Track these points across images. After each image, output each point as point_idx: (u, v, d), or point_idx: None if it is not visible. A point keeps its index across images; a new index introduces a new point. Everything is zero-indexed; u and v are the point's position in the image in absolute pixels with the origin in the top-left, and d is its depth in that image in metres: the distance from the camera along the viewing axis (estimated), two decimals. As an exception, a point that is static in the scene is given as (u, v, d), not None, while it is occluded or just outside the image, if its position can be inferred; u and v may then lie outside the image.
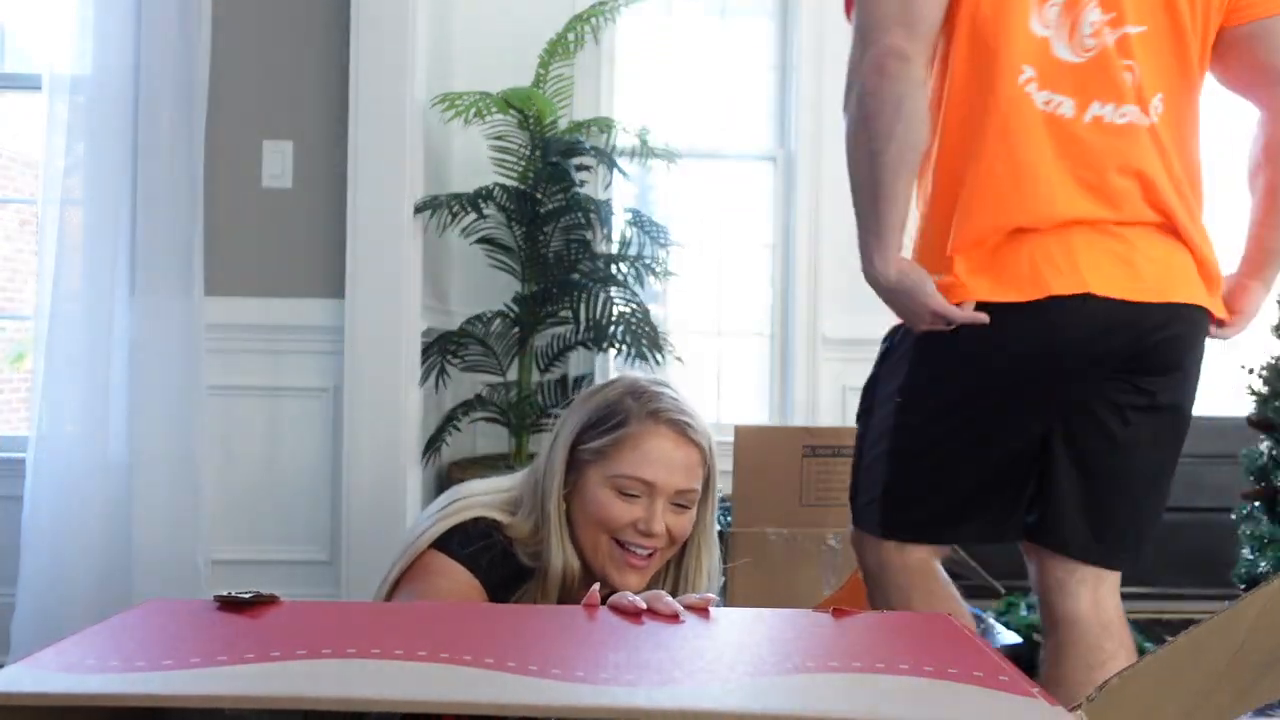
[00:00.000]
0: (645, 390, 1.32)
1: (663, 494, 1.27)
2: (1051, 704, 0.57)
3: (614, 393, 1.33)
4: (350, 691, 0.55)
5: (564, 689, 0.57)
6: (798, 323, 3.39)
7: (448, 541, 1.26)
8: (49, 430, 2.57)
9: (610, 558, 1.28)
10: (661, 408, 1.30)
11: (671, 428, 1.29)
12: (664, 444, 1.28)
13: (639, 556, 1.27)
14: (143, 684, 0.56)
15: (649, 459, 1.27)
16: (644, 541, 1.27)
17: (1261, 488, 2.56)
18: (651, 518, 1.26)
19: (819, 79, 3.40)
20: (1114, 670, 0.97)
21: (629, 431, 1.28)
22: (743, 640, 0.70)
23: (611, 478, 1.27)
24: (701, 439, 1.32)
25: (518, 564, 1.29)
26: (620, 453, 1.27)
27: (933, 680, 0.61)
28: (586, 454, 1.30)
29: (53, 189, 2.60)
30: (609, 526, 1.27)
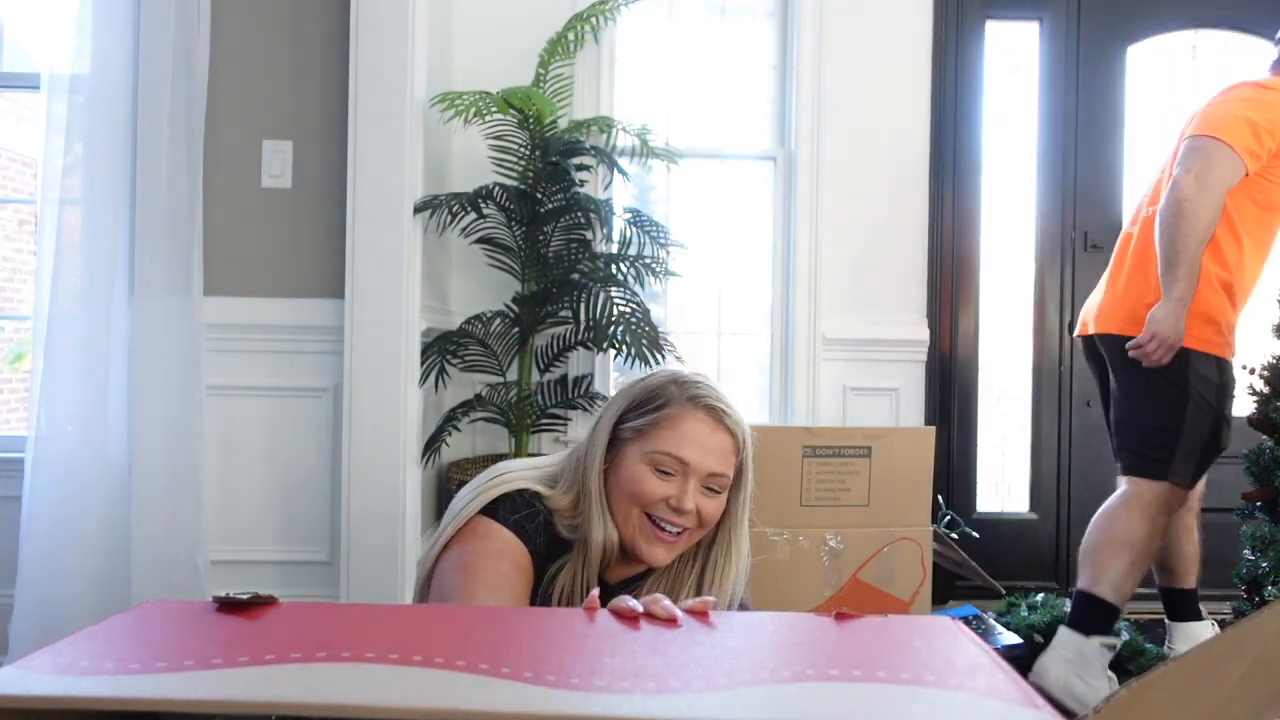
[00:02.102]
0: (687, 378, 1.41)
1: (696, 474, 1.34)
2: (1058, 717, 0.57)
3: (658, 379, 1.41)
4: (342, 698, 0.55)
5: (557, 696, 0.56)
6: (798, 323, 3.39)
7: (495, 509, 1.34)
8: (48, 430, 2.57)
9: (640, 530, 1.35)
10: (701, 394, 1.38)
11: (709, 413, 1.36)
12: (700, 427, 1.35)
13: (668, 533, 1.34)
14: (135, 688, 0.56)
15: (685, 439, 1.34)
16: (674, 518, 1.34)
17: (1263, 488, 2.55)
18: (683, 495, 1.33)
19: (819, 79, 3.40)
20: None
21: (669, 413, 1.36)
22: (741, 646, 0.69)
23: (648, 454, 1.34)
24: (736, 428, 1.39)
25: (557, 534, 1.36)
26: (659, 431, 1.35)
27: (934, 690, 0.60)
28: (627, 432, 1.37)
29: (51, 189, 2.60)
30: (642, 500, 1.34)
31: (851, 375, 3.41)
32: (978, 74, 3.53)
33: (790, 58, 3.47)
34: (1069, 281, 3.55)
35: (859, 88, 3.42)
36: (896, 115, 3.45)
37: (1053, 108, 3.56)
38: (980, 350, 3.57)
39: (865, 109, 3.43)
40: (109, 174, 2.61)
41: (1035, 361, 3.58)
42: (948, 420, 3.49)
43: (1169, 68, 3.61)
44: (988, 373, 3.59)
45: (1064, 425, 3.55)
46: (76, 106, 2.61)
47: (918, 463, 2.43)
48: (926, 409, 3.45)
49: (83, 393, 2.58)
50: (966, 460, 3.55)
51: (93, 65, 2.60)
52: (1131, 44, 3.58)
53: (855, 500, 2.39)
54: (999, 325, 3.60)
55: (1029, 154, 3.60)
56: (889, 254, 3.45)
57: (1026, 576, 3.46)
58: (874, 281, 3.44)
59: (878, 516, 2.39)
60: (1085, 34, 3.56)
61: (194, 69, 2.68)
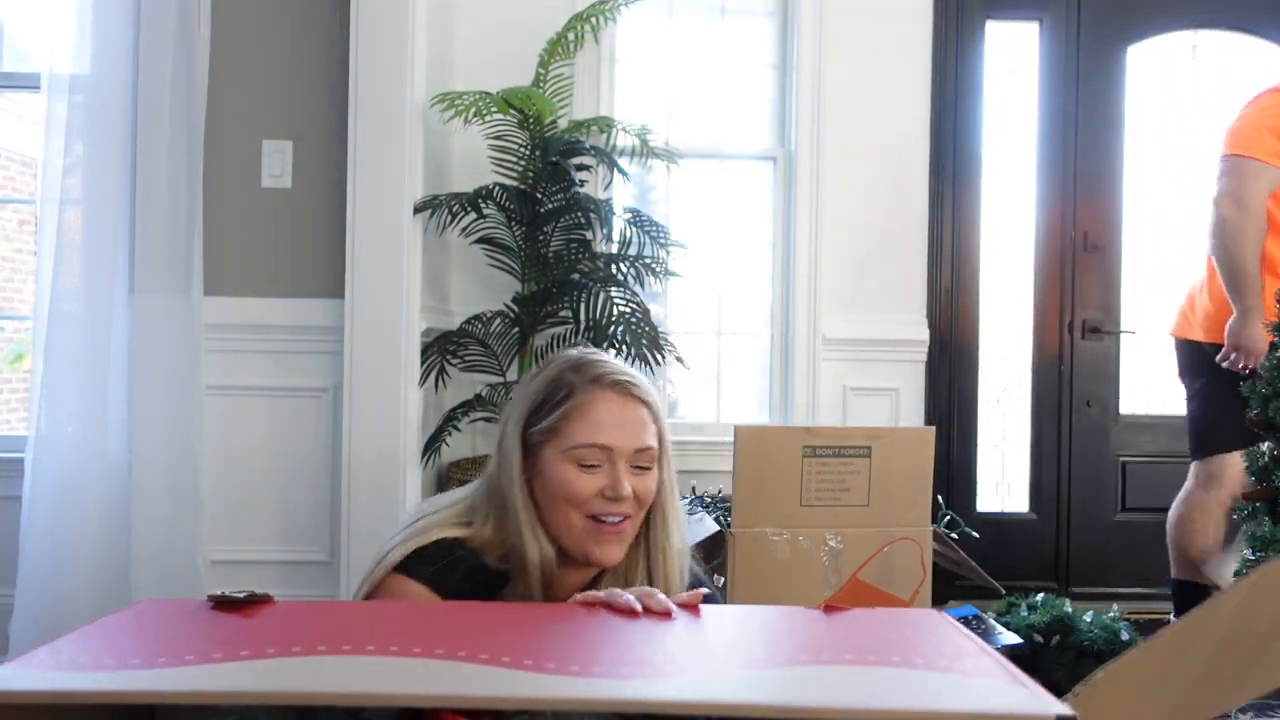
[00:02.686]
0: (583, 361, 1.34)
1: (621, 456, 1.28)
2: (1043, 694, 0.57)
3: (553, 371, 1.34)
4: (346, 687, 0.55)
5: (558, 682, 0.57)
6: (798, 323, 3.39)
7: (410, 566, 1.25)
8: (48, 430, 2.57)
9: (587, 533, 1.27)
10: (602, 372, 1.31)
11: (615, 390, 1.30)
12: (611, 407, 1.29)
13: (613, 526, 1.27)
14: (137, 682, 0.56)
15: (600, 424, 1.27)
16: (614, 508, 1.27)
17: (1263, 488, 2.55)
18: (617, 482, 1.26)
19: (819, 79, 3.40)
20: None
21: (575, 402, 1.29)
22: (735, 636, 0.70)
23: (568, 451, 1.27)
24: (646, 395, 1.33)
25: (490, 573, 1.27)
26: (571, 425, 1.28)
27: (923, 671, 0.61)
28: (538, 435, 1.30)
29: (52, 189, 2.60)
30: (577, 501, 1.26)
31: (851, 375, 3.41)
32: (978, 74, 3.53)
33: (790, 58, 3.47)
34: (1069, 281, 3.56)
35: (859, 88, 3.42)
36: (896, 115, 3.45)
37: (1053, 108, 3.57)
38: (980, 350, 3.57)
39: (865, 109, 3.43)
40: (109, 174, 2.61)
41: (1035, 361, 3.58)
42: (948, 420, 3.49)
43: (1169, 68, 3.61)
44: (988, 373, 3.59)
45: (1064, 425, 3.55)
46: (76, 106, 2.61)
47: (918, 463, 2.42)
48: (926, 409, 3.45)
49: (83, 393, 2.58)
50: (966, 460, 3.55)
51: (93, 65, 2.61)
52: (1131, 44, 3.58)
53: (855, 500, 2.38)
54: (999, 325, 3.60)
55: (1029, 154, 3.60)
56: (889, 254, 3.45)
57: (1026, 576, 3.45)
58: (874, 281, 3.44)
59: (878, 516, 2.38)
60: (1085, 34, 3.56)
61: (194, 69, 2.68)
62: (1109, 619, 2.61)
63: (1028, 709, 0.56)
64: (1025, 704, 0.56)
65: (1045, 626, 2.59)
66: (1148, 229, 3.60)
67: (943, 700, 0.56)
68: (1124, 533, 3.54)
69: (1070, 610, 2.64)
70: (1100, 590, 3.45)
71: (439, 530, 1.29)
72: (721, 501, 2.63)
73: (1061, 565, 3.54)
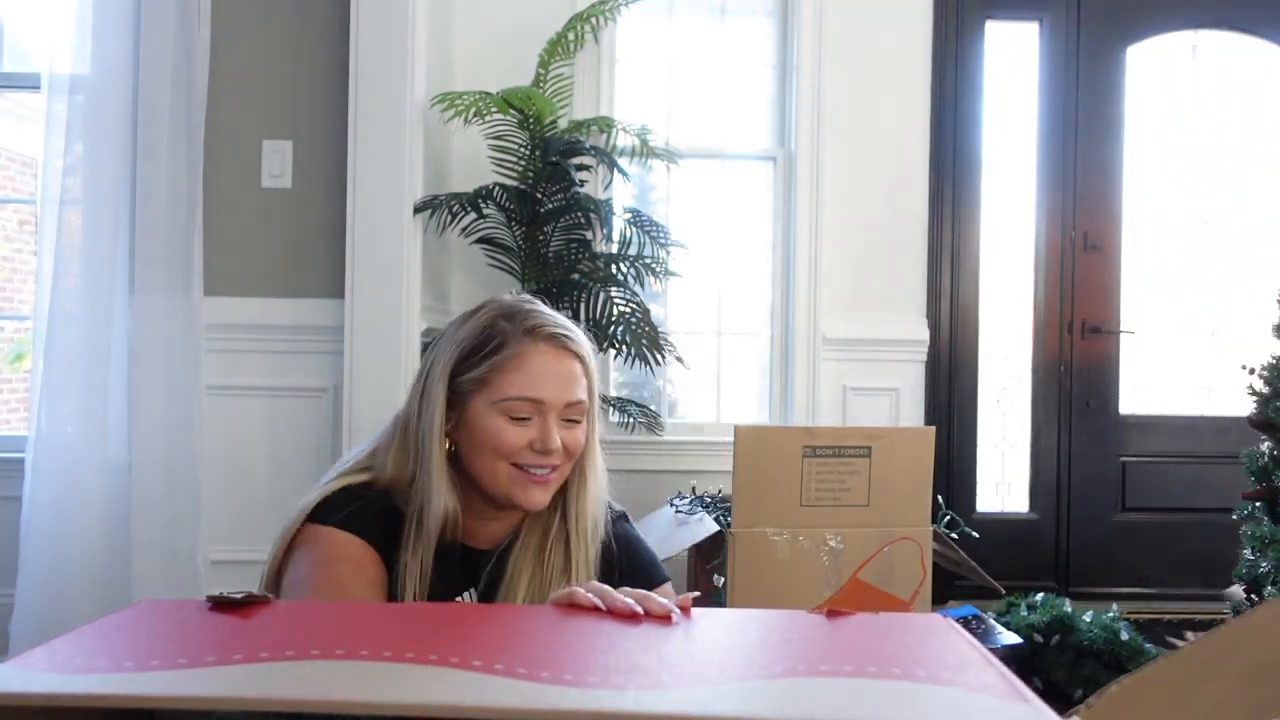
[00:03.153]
0: (517, 310, 1.29)
1: (553, 409, 1.25)
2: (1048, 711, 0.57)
3: (485, 318, 1.29)
4: (337, 694, 0.55)
5: (551, 692, 0.56)
6: (798, 323, 3.39)
7: (320, 513, 1.25)
8: (48, 430, 2.57)
9: (512, 481, 1.25)
10: (537, 324, 1.27)
11: (551, 343, 1.26)
12: (546, 359, 1.25)
13: (541, 476, 1.25)
14: (128, 685, 0.56)
15: (534, 377, 1.24)
16: (543, 460, 1.24)
17: (1263, 488, 2.55)
18: (547, 436, 1.24)
19: (819, 79, 3.40)
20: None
21: (509, 353, 1.24)
22: (734, 643, 0.69)
23: (498, 403, 1.23)
24: (580, 348, 1.29)
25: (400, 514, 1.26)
26: (503, 376, 1.24)
27: (925, 685, 0.60)
28: (467, 384, 1.26)
29: (52, 189, 2.60)
30: (505, 452, 1.23)
31: (851, 375, 3.41)
32: (978, 74, 3.53)
33: (790, 58, 3.47)
34: (1069, 281, 3.55)
35: (859, 88, 3.42)
36: (896, 115, 3.45)
37: (1053, 108, 3.56)
38: (980, 350, 3.57)
39: (865, 109, 3.42)
40: (109, 174, 2.61)
41: (1035, 361, 3.58)
42: (948, 420, 3.49)
43: (1169, 68, 3.61)
44: (988, 373, 3.59)
45: (1064, 425, 3.55)
46: (76, 106, 2.61)
47: (918, 463, 2.42)
48: (926, 409, 3.45)
49: (83, 393, 2.59)
50: (966, 460, 3.55)
51: (93, 65, 2.61)
52: (1131, 44, 3.58)
53: (855, 500, 2.38)
54: (999, 325, 3.60)
55: (1029, 154, 3.60)
56: (889, 254, 3.45)
57: (1026, 576, 3.45)
58: (874, 281, 3.44)
59: (878, 516, 2.39)
60: (1085, 34, 3.56)
61: (194, 69, 2.68)
62: (1109, 619, 2.61)
63: None
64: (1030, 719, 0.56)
65: (1045, 626, 2.59)
66: (1148, 229, 3.60)
67: (943, 717, 0.56)
68: (1124, 533, 3.54)
69: (1070, 610, 2.65)
70: (1100, 590, 3.46)
71: (341, 479, 1.28)
72: (721, 501, 2.63)
73: (1061, 565, 3.54)
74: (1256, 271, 3.56)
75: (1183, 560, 3.50)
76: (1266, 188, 3.61)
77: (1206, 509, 3.46)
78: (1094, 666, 2.52)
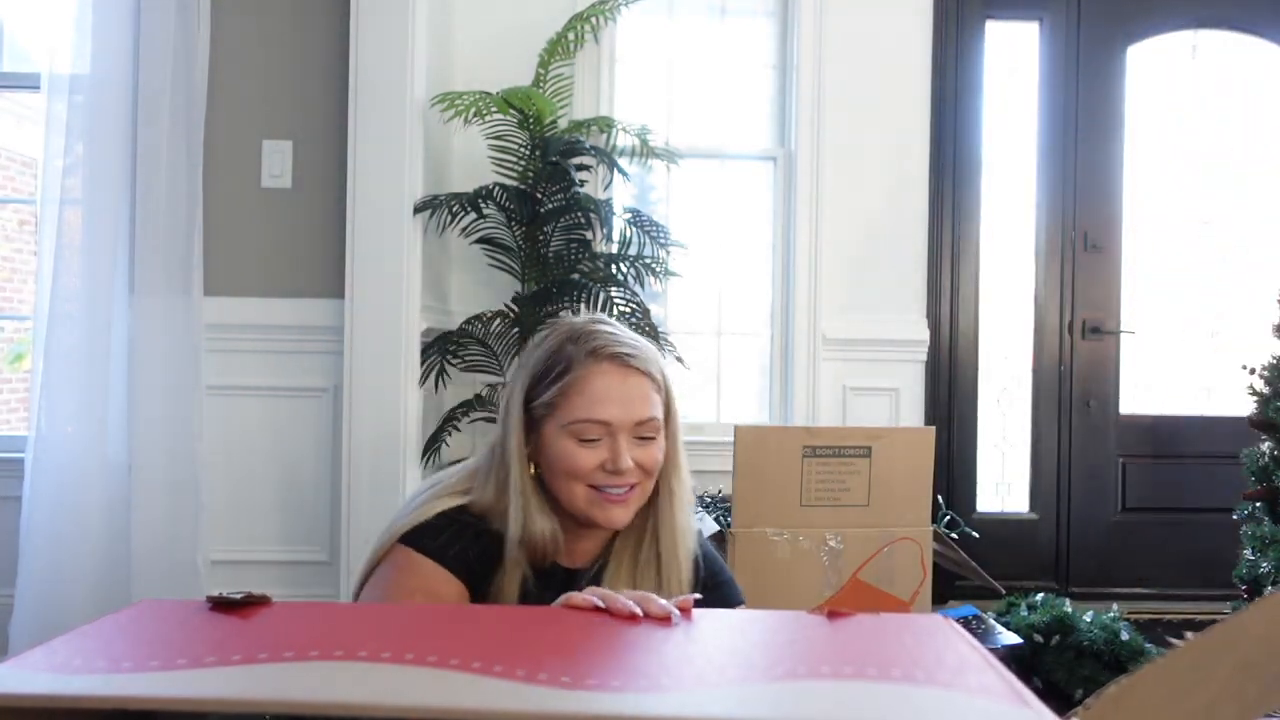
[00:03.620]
0: (582, 331, 1.30)
1: (622, 430, 1.26)
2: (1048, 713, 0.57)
3: (553, 342, 1.31)
4: (336, 695, 0.55)
5: (550, 694, 0.56)
6: (798, 323, 3.39)
7: (415, 538, 1.26)
8: (48, 430, 2.57)
9: (589, 502, 1.27)
10: (600, 345, 1.27)
11: (614, 362, 1.27)
12: (610, 380, 1.26)
13: (617, 496, 1.26)
14: (127, 686, 0.56)
15: (598, 399, 1.25)
16: (616, 481, 1.26)
17: (1263, 488, 2.55)
18: (616, 456, 1.25)
19: (819, 79, 3.40)
20: None
21: (574, 377, 1.26)
22: (734, 645, 0.69)
23: (567, 426, 1.25)
24: (648, 366, 1.30)
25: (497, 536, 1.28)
26: (569, 399, 1.26)
27: (925, 688, 0.60)
28: (540, 409, 1.28)
29: (52, 189, 2.60)
30: (578, 475, 1.25)
31: (851, 375, 3.41)
32: (978, 74, 3.53)
33: (790, 58, 3.47)
34: (1069, 281, 3.55)
35: (859, 88, 3.42)
36: (896, 115, 3.45)
37: (1053, 108, 3.56)
38: (980, 350, 3.57)
39: (865, 109, 3.42)
40: (109, 174, 2.61)
41: (1035, 361, 3.58)
42: (948, 420, 3.49)
43: (1169, 68, 3.61)
44: (988, 373, 3.59)
45: (1064, 425, 3.55)
46: (76, 106, 2.61)
47: (918, 463, 2.42)
48: (926, 409, 3.45)
49: (83, 393, 2.59)
50: (966, 460, 3.55)
51: (93, 65, 2.61)
52: (1131, 44, 3.58)
53: (855, 500, 2.38)
54: (999, 325, 3.60)
55: (1029, 154, 3.60)
56: (889, 254, 3.44)
57: (1026, 576, 3.45)
58: (874, 281, 3.44)
59: (878, 516, 2.39)
60: (1085, 34, 3.56)
61: (194, 69, 2.68)
62: (1109, 619, 2.61)
63: None
64: None
65: (1045, 626, 2.59)
66: (1148, 229, 3.60)
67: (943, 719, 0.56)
68: (1124, 533, 3.54)
69: (1070, 610, 2.65)
70: (1100, 590, 3.46)
71: (439, 503, 1.30)
72: (721, 501, 2.63)
73: (1061, 565, 3.54)
74: (1256, 271, 3.56)
75: (1183, 560, 3.50)
76: (1266, 188, 3.61)
77: (1206, 509, 3.46)
78: (1094, 667, 2.52)
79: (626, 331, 1.33)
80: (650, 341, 2.69)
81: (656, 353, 1.33)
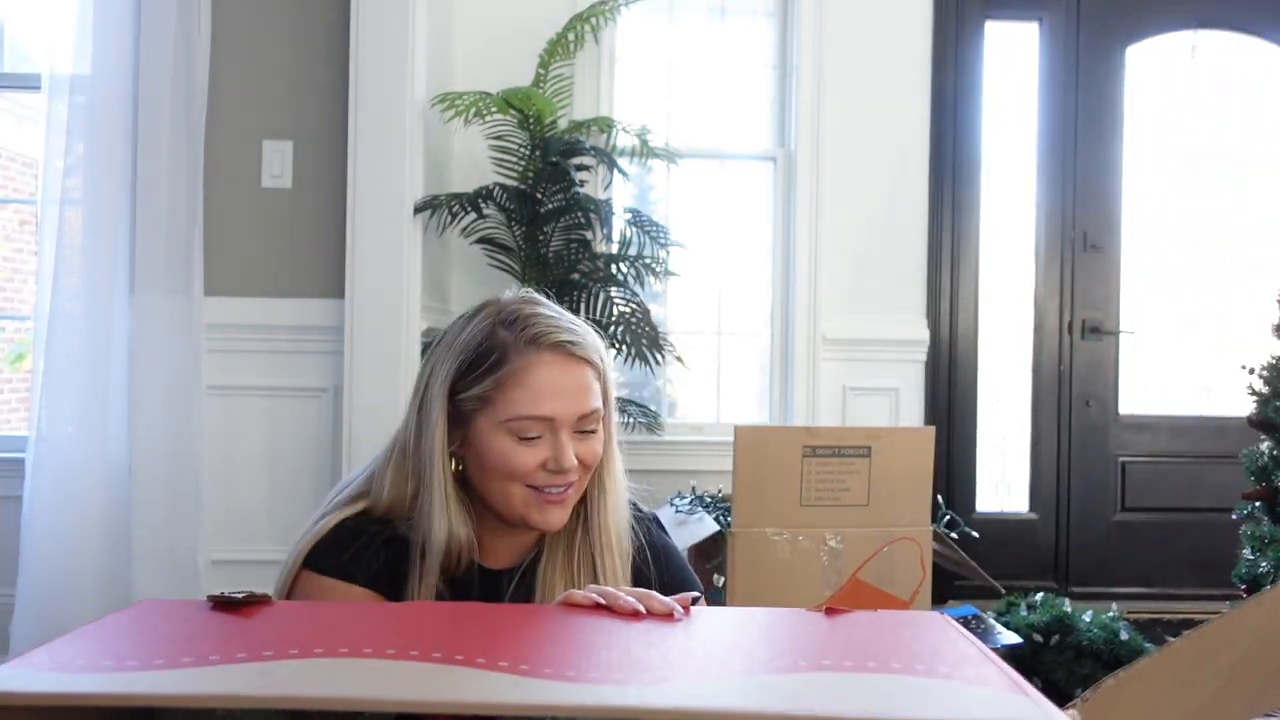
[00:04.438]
0: (517, 314, 1.16)
1: (565, 424, 1.14)
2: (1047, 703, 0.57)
3: (483, 325, 1.16)
4: (342, 691, 0.55)
5: (555, 688, 0.57)
6: (798, 323, 3.39)
7: (316, 558, 1.15)
8: (49, 430, 2.57)
9: (526, 503, 1.15)
10: (539, 331, 1.14)
11: (556, 351, 1.14)
12: (552, 371, 1.13)
13: (557, 495, 1.15)
14: (134, 684, 0.56)
15: (540, 392, 1.12)
16: (557, 480, 1.14)
17: (1262, 488, 2.55)
18: (560, 454, 1.13)
19: (819, 79, 3.40)
20: None
21: (512, 368, 1.13)
22: (735, 639, 0.70)
23: (504, 423, 1.12)
24: (590, 353, 1.17)
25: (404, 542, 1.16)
26: (506, 393, 1.12)
27: (925, 679, 0.61)
28: (469, 402, 1.14)
29: (52, 189, 2.60)
30: (517, 475, 1.13)
31: (851, 375, 3.41)
32: (977, 74, 3.53)
33: (790, 58, 3.47)
34: (1069, 281, 3.55)
35: (859, 88, 3.42)
36: (896, 115, 3.45)
37: (1053, 108, 3.56)
38: (980, 350, 3.57)
39: (865, 109, 3.42)
40: (109, 174, 2.61)
41: (1035, 361, 3.58)
42: (948, 420, 3.49)
43: (1169, 68, 3.61)
44: (987, 372, 3.59)
45: (1064, 425, 3.55)
46: (77, 106, 2.61)
47: (918, 463, 2.42)
48: (926, 409, 3.45)
49: (83, 393, 2.58)
50: (966, 460, 3.55)
51: (93, 65, 2.61)
52: (1131, 44, 3.58)
53: (855, 500, 2.38)
54: (999, 325, 3.60)
55: (1029, 154, 3.60)
56: (889, 254, 3.45)
57: (1026, 576, 3.45)
58: (874, 281, 3.44)
59: (878, 516, 2.39)
60: (1085, 34, 3.56)
61: (194, 69, 2.68)
62: (1108, 619, 2.61)
63: (1030, 718, 0.56)
64: (1027, 714, 0.56)
65: (1045, 626, 2.59)
66: (1148, 229, 3.60)
67: (944, 709, 0.56)
68: (1123, 533, 3.54)
69: (1070, 610, 2.65)
70: (1100, 590, 3.45)
71: (337, 514, 1.18)
72: (721, 501, 2.63)
73: (1061, 565, 3.54)
74: (1256, 271, 3.56)
75: (1183, 560, 3.50)
76: (1266, 188, 3.61)
77: (1206, 509, 3.46)
78: (1094, 666, 2.52)
79: (562, 313, 1.20)
80: (650, 343, 2.71)
81: (595, 335, 1.21)
